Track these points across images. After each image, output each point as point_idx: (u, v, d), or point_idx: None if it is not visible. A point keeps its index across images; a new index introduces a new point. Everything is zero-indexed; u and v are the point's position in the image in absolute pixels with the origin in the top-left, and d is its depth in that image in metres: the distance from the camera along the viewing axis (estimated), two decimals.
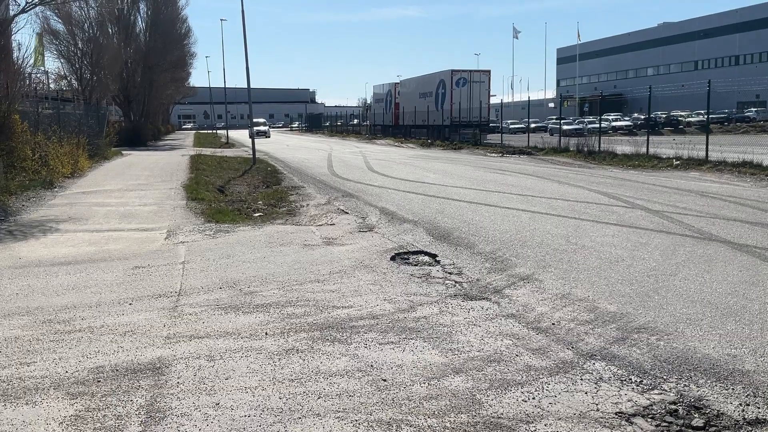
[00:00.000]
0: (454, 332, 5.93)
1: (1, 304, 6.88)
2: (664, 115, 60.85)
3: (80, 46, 36.52)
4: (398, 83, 63.33)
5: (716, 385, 4.70)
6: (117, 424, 4.12)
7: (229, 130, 61.41)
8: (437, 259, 9.03)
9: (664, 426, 4.15)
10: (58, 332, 5.98)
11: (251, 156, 29.67)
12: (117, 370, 5.04)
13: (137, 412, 4.30)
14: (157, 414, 4.27)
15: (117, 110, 53.08)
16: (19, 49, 26.85)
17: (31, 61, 26.16)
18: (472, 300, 7.00)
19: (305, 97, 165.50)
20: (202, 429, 4.05)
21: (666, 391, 4.66)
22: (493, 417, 4.23)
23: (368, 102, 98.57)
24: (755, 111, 64.13)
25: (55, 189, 17.46)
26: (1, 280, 7.91)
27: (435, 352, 5.42)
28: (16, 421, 4.20)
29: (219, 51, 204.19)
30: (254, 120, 32.03)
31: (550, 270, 8.18)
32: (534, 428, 4.07)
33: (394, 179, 20.56)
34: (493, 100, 57.20)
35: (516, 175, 21.55)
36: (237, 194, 17.48)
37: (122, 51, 45.50)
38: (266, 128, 66.67)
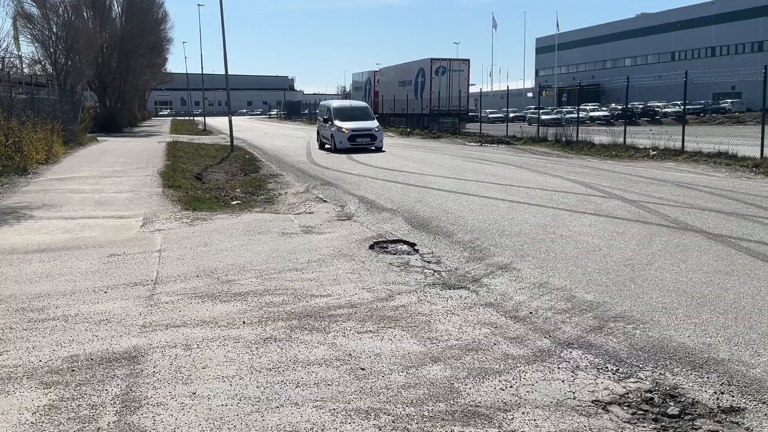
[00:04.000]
0: (432, 321, 5.94)
1: None
2: (641, 106, 61.33)
3: (55, 30, 35.88)
4: (377, 71, 63.07)
5: (691, 374, 4.75)
6: (92, 414, 4.07)
7: (206, 117, 60.84)
8: (416, 248, 9.03)
9: (640, 414, 4.19)
10: (32, 321, 5.89)
11: (229, 143, 29.46)
12: (92, 359, 4.98)
13: (112, 402, 4.25)
14: (133, 403, 4.22)
15: (92, 96, 52.36)
16: None
17: (5, 44, 25.68)
18: (450, 289, 7.00)
19: (284, 84, 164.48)
20: (179, 419, 4.02)
21: (642, 379, 4.70)
22: (471, 405, 4.23)
23: (347, 90, 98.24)
24: (731, 102, 64.84)
25: (29, 175, 17.20)
26: None
27: (413, 341, 5.42)
28: None
29: (197, 36, 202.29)
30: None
31: (528, 259, 8.22)
32: (511, 416, 4.09)
33: (373, 168, 20.52)
34: (473, 89, 57.18)
35: (495, 164, 21.62)
36: (215, 182, 17.35)
37: (98, 36, 44.78)
38: None
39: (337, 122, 27.66)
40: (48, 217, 11.32)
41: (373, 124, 28.33)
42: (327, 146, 28.92)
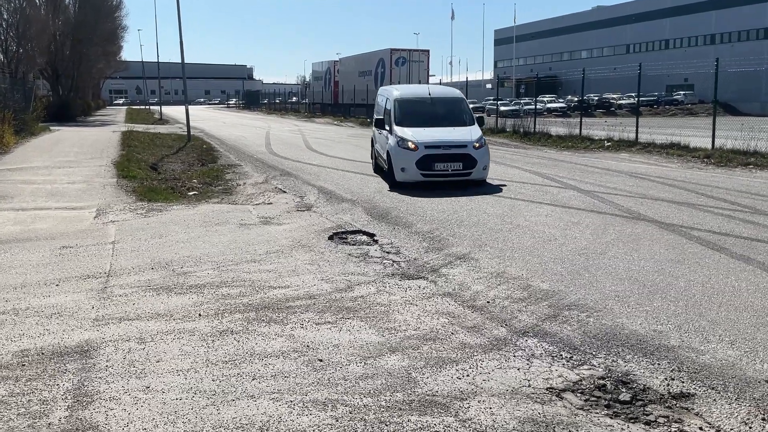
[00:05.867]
0: (391, 311, 5.95)
1: None
2: (596, 98, 62.30)
3: (6, 17, 34.94)
4: (338, 61, 62.87)
5: (643, 360, 4.85)
6: (42, 409, 3.98)
7: (163, 107, 59.87)
8: (375, 238, 9.03)
9: (593, 400, 4.26)
10: None
11: (186, 133, 29.03)
12: (43, 354, 4.87)
13: (63, 397, 4.16)
14: (85, 398, 4.14)
15: (45, 84, 51.09)
16: None
17: None
18: (409, 279, 7.03)
19: (242, 73, 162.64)
20: (132, 413, 3.95)
21: (595, 366, 4.78)
22: (428, 395, 4.26)
23: (307, 80, 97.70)
24: (683, 94, 66.26)
25: None
26: None
27: (372, 332, 5.43)
28: None
29: (152, 24, 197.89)
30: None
31: (486, 249, 8.29)
32: (468, 405, 4.12)
33: (333, 158, 20.45)
34: (432, 80, 57.40)
35: None
36: (171, 172, 17.09)
37: (50, 23, 43.68)
38: None
39: (399, 128, 14.13)
40: None
41: (471, 133, 14.18)
42: (384, 169, 14.96)
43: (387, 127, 14.68)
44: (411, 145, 13.40)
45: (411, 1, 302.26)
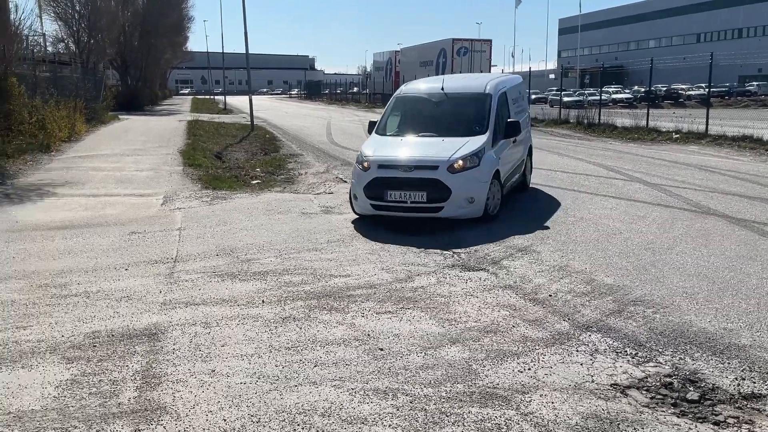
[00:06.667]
0: (451, 303, 5.93)
1: None
2: (664, 88, 60.47)
3: (78, 8, 36.06)
4: (399, 51, 62.84)
5: (712, 359, 4.71)
6: (113, 389, 4.13)
7: (227, 96, 60.94)
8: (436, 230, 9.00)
9: (659, 398, 4.16)
10: (55, 296, 5.96)
11: (249, 122, 29.50)
12: (113, 335, 5.04)
13: (133, 378, 4.30)
14: (153, 380, 4.27)
15: (114, 74, 52.59)
16: (17, 11, 26.52)
17: (29, 22, 25.82)
18: (469, 271, 6.99)
19: (304, 64, 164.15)
20: (198, 395, 4.06)
21: (661, 363, 4.66)
22: (489, 387, 4.23)
23: (368, 70, 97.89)
24: (757, 85, 63.68)
25: (52, 153, 17.35)
26: None
27: (432, 322, 5.42)
28: (12, 384, 4.20)
29: (217, 15, 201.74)
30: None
31: (548, 242, 8.17)
32: (529, 399, 4.08)
33: None
34: (494, 70, 56.77)
35: None
36: (234, 161, 17.40)
37: (120, 14, 44.98)
38: None
39: (371, 138, 10.40)
40: (70, 194, 11.43)
41: (463, 147, 9.20)
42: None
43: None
44: (365, 164, 9.27)
45: None
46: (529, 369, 4.53)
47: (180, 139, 22.35)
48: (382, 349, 4.84)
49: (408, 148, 9.48)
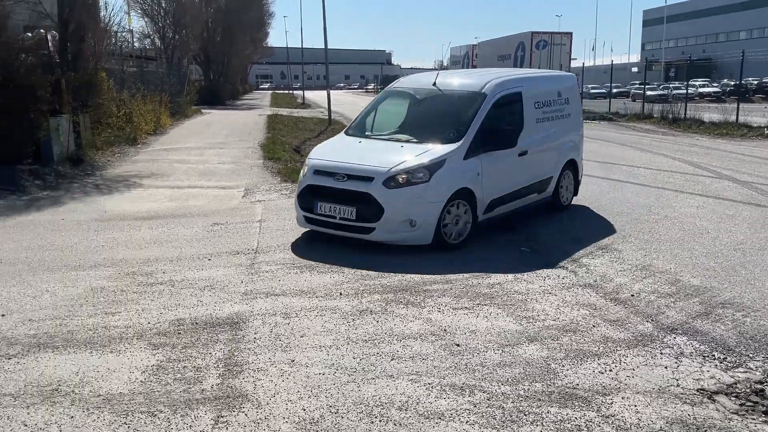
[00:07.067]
0: (528, 300, 5.85)
1: (88, 255, 7.17)
2: (755, 82, 57.75)
3: (164, 5, 37.25)
4: (476, 45, 62.26)
5: None
6: (196, 376, 4.25)
7: (305, 91, 61.80)
8: (513, 226, 8.88)
9: (749, 405, 3.99)
10: (141, 284, 6.19)
11: (327, 117, 29.83)
12: (196, 323, 5.19)
13: (216, 365, 4.42)
14: (235, 367, 4.38)
15: (197, 69, 54.08)
16: (106, 8, 27.61)
17: (118, 19, 26.88)
18: (548, 268, 6.87)
19: (381, 58, 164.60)
20: (278, 384, 4.14)
21: (752, 369, 4.47)
22: (568, 387, 4.15)
23: (445, 64, 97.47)
24: None
25: (139, 145, 18.01)
26: (88, 232, 8.24)
27: (509, 320, 5.36)
28: (102, 368, 4.38)
29: (297, 11, 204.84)
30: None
31: (630, 240, 7.94)
32: (611, 401, 3.98)
33: None
34: (574, 64, 55.46)
35: (595, 141, 20.92)
36: None
37: (203, 10, 46.20)
38: None
39: (332, 140, 9.77)
40: (156, 185, 11.84)
41: (418, 156, 7.59)
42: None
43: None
44: (305, 168, 8.23)
45: None
46: (611, 370, 4.42)
47: (260, 132, 22.80)
48: (458, 345, 4.82)
49: (357, 152, 8.06)
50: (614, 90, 48.20)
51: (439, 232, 7.38)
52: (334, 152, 8.31)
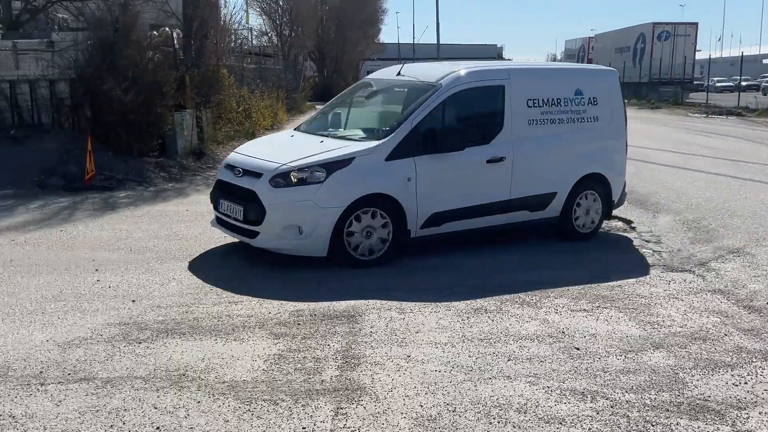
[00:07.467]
0: (652, 304, 5.59)
1: (210, 246, 7.45)
2: None
3: (281, 3, 38.34)
4: (592, 38, 60.46)
5: None
6: (316, 367, 4.33)
7: None
8: (633, 225, 8.55)
9: None
10: (259, 277, 6.36)
11: None
12: (315, 315, 5.28)
13: (334, 357, 4.48)
14: (353, 360, 4.43)
15: (311, 66, 55.35)
16: (226, 6, 28.70)
17: (238, 17, 27.88)
18: (672, 271, 6.55)
19: (492, 53, 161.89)
20: (395, 379, 4.15)
21: None
22: (698, 398, 3.93)
23: (558, 58, 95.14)
24: None
25: None
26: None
27: (631, 324, 5.14)
28: (226, 355, 4.53)
29: (409, 6, 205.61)
30: None
31: (765, 244, 7.46)
32: (747, 415, 3.74)
33: None
34: (699, 56, 52.70)
35: (723, 137, 19.81)
36: None
37: (318, 8, 47.19)
38: None
39: (266, 139, 10.08)
40: None
41: (325, 151, 6.67)
42: None
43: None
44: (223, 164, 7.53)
45: None
46: (746, 383, 4.15)
47: None
48: (578, 349, 4.67)
49: (275, 147, 7.54)
50: (744, 83, 45.44)
51: (342, 245, 6.41)
52: (257, 146, 7.80)
